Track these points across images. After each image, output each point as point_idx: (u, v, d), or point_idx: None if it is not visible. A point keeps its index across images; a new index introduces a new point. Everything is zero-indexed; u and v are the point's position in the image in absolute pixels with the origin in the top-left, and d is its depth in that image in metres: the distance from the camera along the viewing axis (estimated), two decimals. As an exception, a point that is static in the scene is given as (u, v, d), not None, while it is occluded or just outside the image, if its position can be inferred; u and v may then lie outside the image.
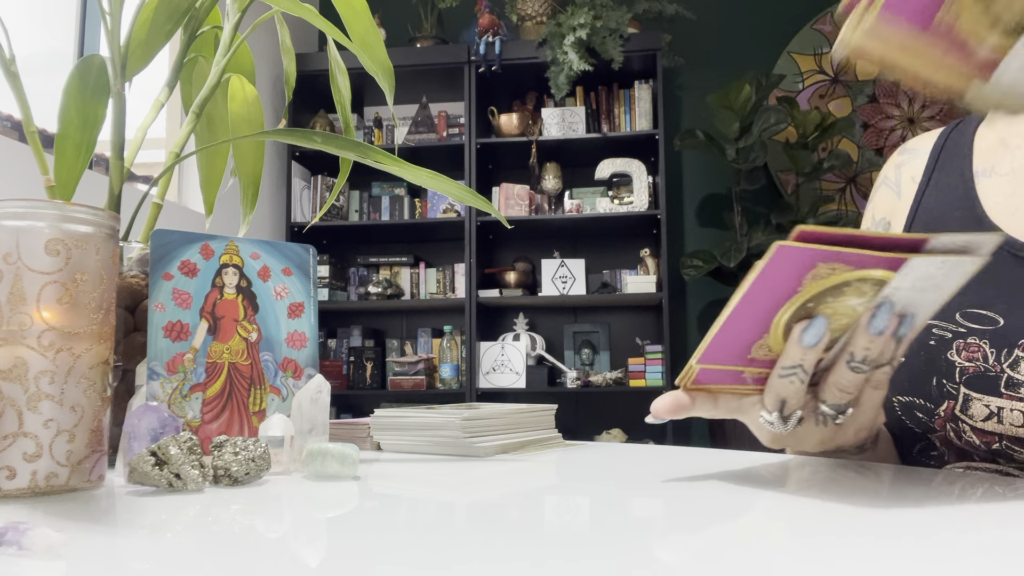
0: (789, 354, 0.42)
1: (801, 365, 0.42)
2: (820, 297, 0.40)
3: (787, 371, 0.43)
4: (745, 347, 0.43)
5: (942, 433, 0.56)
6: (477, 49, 3.16)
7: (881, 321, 0.41)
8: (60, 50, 2.35)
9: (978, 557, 0.28)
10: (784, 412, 0.45)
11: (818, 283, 0.39)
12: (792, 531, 0.33)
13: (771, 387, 0.44)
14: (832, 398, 0.45)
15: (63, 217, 0.45)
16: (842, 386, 0.44)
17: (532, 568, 0.27)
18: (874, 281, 0.39)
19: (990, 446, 0.53)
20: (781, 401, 0.44)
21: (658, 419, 0.46)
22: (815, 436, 0.47)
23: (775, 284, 0.40)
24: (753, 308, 0.41)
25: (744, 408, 0.47)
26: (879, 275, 0.39)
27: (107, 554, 0.30)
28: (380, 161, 0.67)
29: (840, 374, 0.44)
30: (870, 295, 0.40)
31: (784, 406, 0.45)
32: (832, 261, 0.38)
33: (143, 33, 0.73)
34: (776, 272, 0.39)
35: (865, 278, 0.39)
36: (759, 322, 0.42)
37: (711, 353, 0.43)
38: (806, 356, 0.42)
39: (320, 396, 0.57)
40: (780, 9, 3.52)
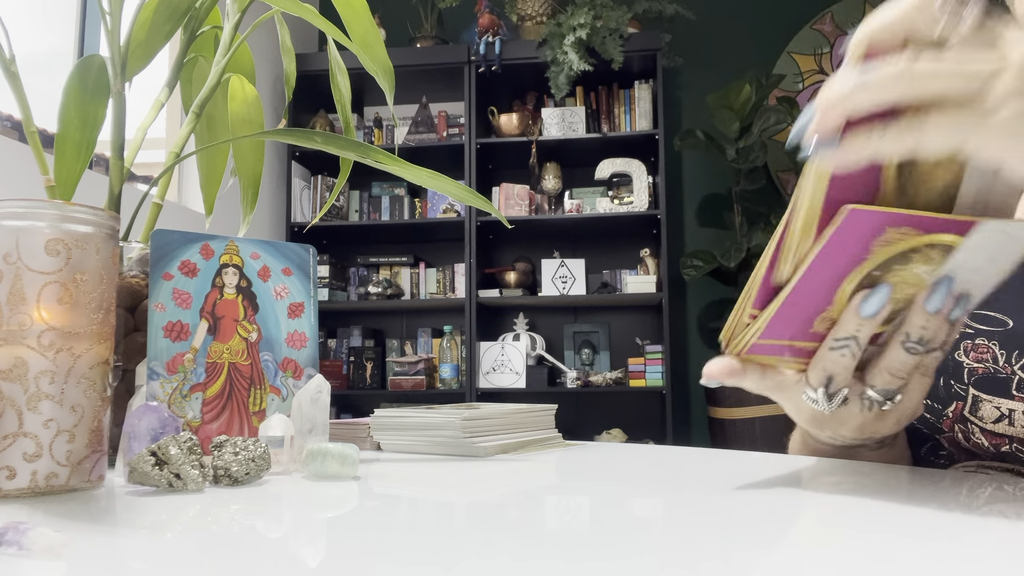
0: (844, 324, 0.40)
1: (856, 337, 0.40)
2: (887, 265, 0.38)
3: (840, 343, 0.40)
4: (808, 320, 0.41)
5: (950, 434, 0.55)
6: (477, 49, 3.16)
7: (939, 298, 0.39)
8: (60, 50, 2.35)
9: (989, 559, 0.28)
10: (830, 389, 0.42)
11: (886, 249, 0.37)
12: (792, 531, 0.33)
13: (819, 361, 0.42)
14: (882, 382, 0.42)
15: (63, 217, 0.45)
16: (894, 369, 0.41)
17: (532, 568, 0.27)
18: (943, 247, 0.38)
19: (999, 448, 0.52)
20: (828, 377, 0.42)
21: (711, 382, 0.44)
22: (856, 421, 0.45)
23: (843, 251, 0.38)
24: (819, 277, 0.39)
25: (786, 386, 0.45)
26: (948, 239, 0.37)
27: (107, 554, 0.30)
28: (380, 161, 0.67)
29: (893, 356, 0.41)
30: (938, 261, 0.38)
31: (831, 383, 0.42)
32: (902, 225, 0.36)
33: (143, 33, 0.73)
34: (844, 238, 0.37)
35: (934, 243, 0.37)
36: (824, 293, 0.40)
37: (774, 327, 0.41)
38: (862, 327, 0.39)
39: (320, 396, 0.57)
40: (780, 9, 3.52)
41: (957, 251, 0.38)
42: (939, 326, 0.40)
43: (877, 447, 0.52)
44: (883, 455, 0.53)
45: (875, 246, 0.37)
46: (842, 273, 0.39)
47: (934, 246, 0.38)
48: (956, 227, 0.37)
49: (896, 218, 0.36)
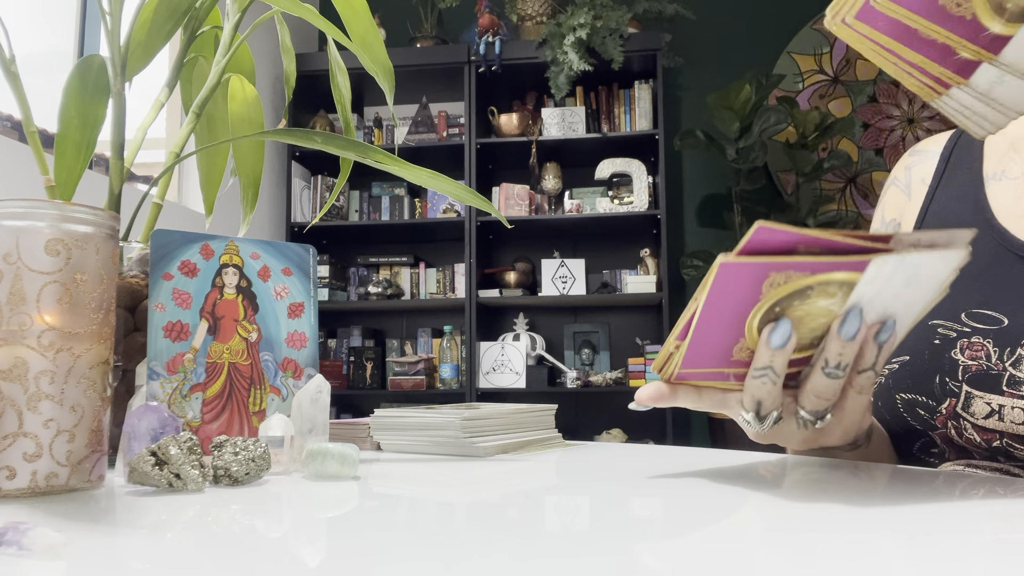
0: (759, 356, 0.42)
1: (771, 367, 0.42)
2: (786, 301, 0.40)
3: (759, 372, 0.43)
4: (725, 351, 0.43)
5: (943, 431, 0.56)
6: (477, 49, 3.16)
7: (851, 327, 0.40)
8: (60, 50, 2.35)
9: (976, 557, 0.28)
10: (761, 413, 0.45)
11: (778, 289, 0.39)
12: (791, 531, 0.33)
13: (747, 387, 0.44)
14: (810, 404, 0.44)
15: (63, 217, 0.45)
16: (818, 392, 0.43)
17: (532, 568, 0.27)
18: (838, 283, 0.39)
19: (990, 443, 0.53)
20: (757, 402, 0.44)
21: (640, 406, 0.47)
22: (797, 436, 0.47)
23: (730, 297, 0.39)
24: (717, 318, 0.40)
25: (728, 403, 0.47)
26: (841, 277, 0.38)
27: (107, 554, 0.30)
28: (380, 161, 0.67)
29: (816, 380, 0.43)
30: (839, 296, 0.39)
31: (760, 407, 0.44)
32: (784, 270, 0.37)
33: (143, 33, 0.73)
34: (726, 287, 0.38)
35: (827, 281, 0.38)
36: (730, 328, 0.41)
37: (691, 360, 0.43)
38: (775, 358, 0.41)
39: (320, 396, 0.57)
40: (780, 9, 3.52)
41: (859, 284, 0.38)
42: (859, 350, 0.42)
43: (850, 448, 0.53)
44: (860, 454, 0.55)
45: (764, 287, 0.39)
46: (742, 311, 0.40)
47: (829, 283, 0.38)
48: (845, 266, 0.37)
49: (775, 265, 0.37)
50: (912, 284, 0.39)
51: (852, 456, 0.55)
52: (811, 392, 0.44)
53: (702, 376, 0.45)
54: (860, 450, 0.54)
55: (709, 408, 0.47)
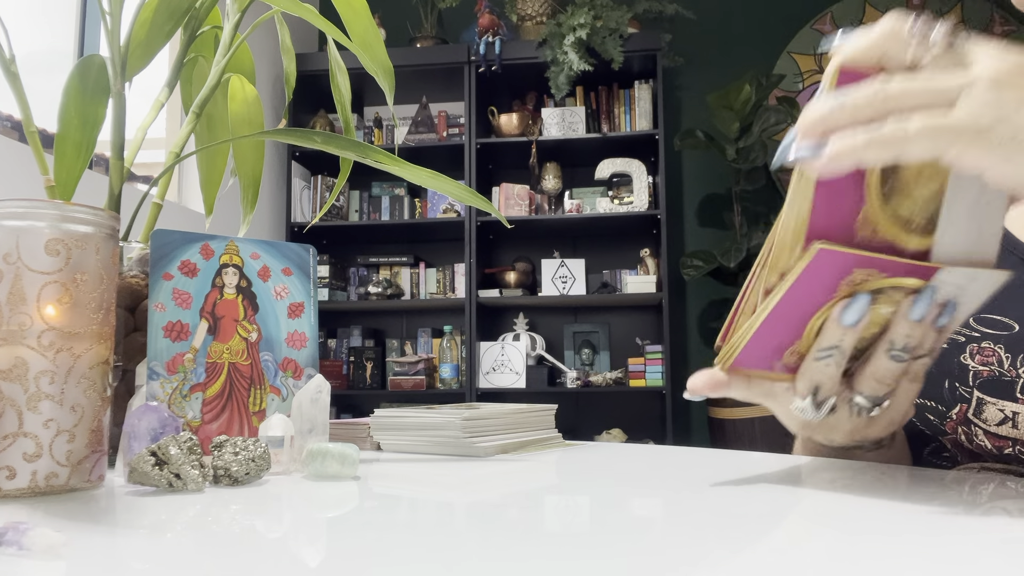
0: (827, 334, 0.41)
1: (839, 346, 0.41)
2: None
3: (824, 353, 0.41)
4: (777, 352, 0.42)
5: (953, 436, 0.56)
6: (477, 49, 3.16)
7: (922, 307, 0.40)
8: (60, 49, 2.35)
9: (989, 557, 0.28)
10: (817, 398, 0.43)
11: (852, 289, 0.39)
12: (791, 531, 0.33)
13: (805, 371, 0.43)
14: (869, 389, 0.43)
15: (63, 217, 0.45)
16: (880, 376, 0.42)
17: (532, 568, 0.27)
18: (907, 290, 0.39)
19: (1002, 450, 0.53)
20: (815, 386, 0.43)
21: (695, 396, 0.45)
22: (846, 426, 0.46)
23: (811, 288, 0.39)
24: (788, 312, 0.40)
25: (776, 393, 0.45)
26: (911, 283, 0.39)
27: (107, 554, 0.30)
28: (380, 161, 0.67)
29: (879, 364, 0.42)
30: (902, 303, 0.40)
31: (818, 392, 0.43)
32: (868, 267, 0.38)
33: (143, 33, 0.73)
34: (814, 275, 0.38)
35: (898, 286, 0.39)
36: (793, 327, 0.41)
37: (745, 357, 0.43)
38: (845, 336, 0.40)
39: (320, 396, 0.57)
40: (780, 9, 3.52)
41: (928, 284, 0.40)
42: (924, 333, 0.41)
43: (874, 448, 0.52)
44: (880, 456, 0.54)
45: (842, 285, 0.39)
46: (810, 310, 0.40)
47: (898, 288, 0.39)
48: (919, 272, 0.39)
49: (863, 260, 0.38)
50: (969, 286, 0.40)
51: (875, 456, 0.54)
52: (871, 376, 0.43)
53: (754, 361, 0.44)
54: (883, 451, 0.53)
55: (757, 398, 0.46)
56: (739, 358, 0.43)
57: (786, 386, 0.45)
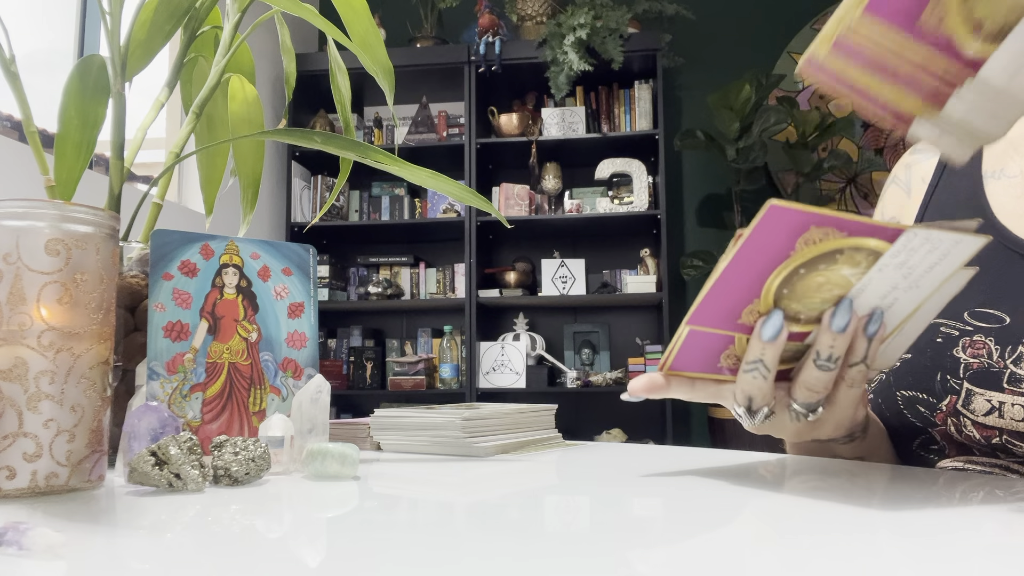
0: (751, 350, 0.42)
1: (762, 360, 0.42)
2: (813, 264, 0.40)
3: (750, 366, 0.43)
4: (735, 311, 0.43)
5: (943, 427, 0.56)
6: (477, 49, 3.16)
7: (841, 319, 0.41)
8: (60, 48, 2.35)
9: (975, 558, 0.28)
10: (752, 407, 0.45)
11: (811, 248, 0.39)
12: (792, 531, 0.33)
13: (738, 382, 0.44)
14: (802, 396, 0.45)
15: (63, 217, 0.45)
16: (810, 384, 0.44)
17: (531, 568, 0.27)
18: (868, 251, 0.39)
19: (990, 440, 0.53)
20: (748, 397, 0.44)
21: (633, 397, 0.47)
22: (790, 428, 0.48)
23: (767, 245, 0.39)
24: (745, 269, 0.40)
25: (722, 394, 0.47)
26: (872, 244, 0.39)
27: (107, 554, 0.30)
28: (380, 161, 0.67)
29: (807, 372, 0.43)
30: (864, 265, 0.40)
31: (751, 402, 0.45)
32: (825, 226, 0.38)
33: (143, 33, 0.73)
34: (768, 232, 0.38)
35: (859, 247, 0.39)
36: (750, 285, 0.41)
37: (701, 314, 0.43)
38: (766, 351, 0.42)
39: (320, 396, 0.57)
40: (780, 9, 3.52)
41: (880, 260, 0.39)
42: (848, 343, 0.42)
43: (847, 441, 0.54)
44: (857, 447, 0.55)
45: (799, 244, 0.39)
46: (768, 267, 0.40)
47: (860, 249, 0.39)
48: (880, 233, 0.38)
49: (818, 218, 0.38)
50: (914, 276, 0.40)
51: (849, 449, 0.56)
52: (803, 385, 0.44)
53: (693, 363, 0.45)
54: (856, 443, 0.55)
55: (703, 399, 0.47)
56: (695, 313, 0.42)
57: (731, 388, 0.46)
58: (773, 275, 0.41)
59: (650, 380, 0.46)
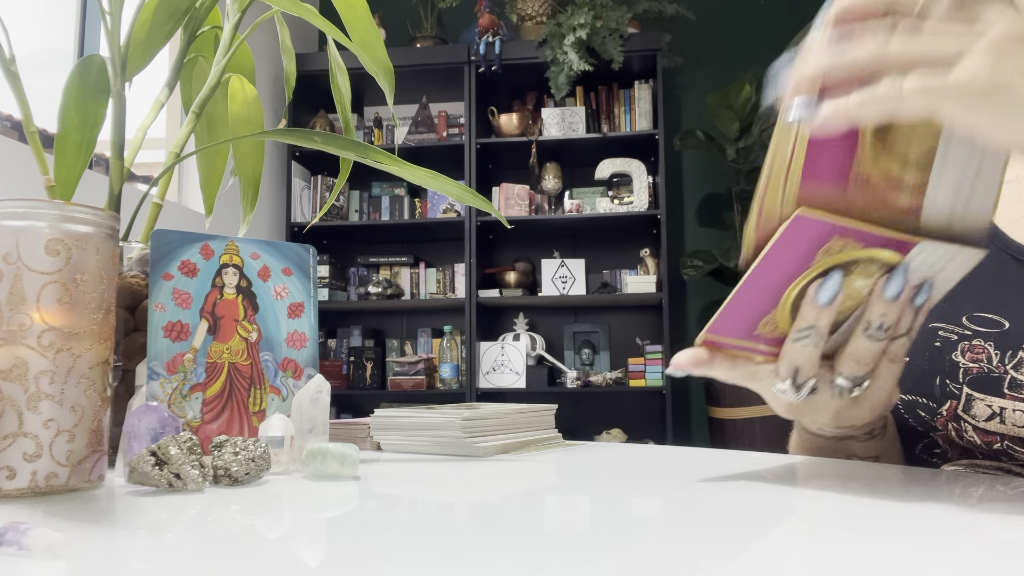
0: (803, 315, 0.41)
1: (815, 326, 0.41)
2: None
3: (801, 333, 0.42)
4: (753, 321, 0.43)
5: (944, 432, 0.56)
6: (477, 49, 3.16)
7: (895, 286, 0.40)
8: (60, 48, 2.35)
9: (978, 557, 0.28)
10: (797, 380, 0.44)
11: (829, 259, 0.39)
12: (792, 531, 0.33)
13: (785, 353, 0.43)
14: (849, 369, 0.43)
15: (63, 217, 0.45)
16: (859, 356, 0.43)
17: (532, 568, 0.27)
18: (881, 263, 0.40)
19: (991, 446, 0.53)
20: (795, 368, 0.43)
21: (678, 370, 0.45)
22: (830, 408, 0.46)
23: (789, 255, 0.39)
24: (765, 279, 0.40)
25: (759, 375, 0.46)
26: (887, 256, 0.39)
27: (107, 554, 0.30)
28: (380, 161, 0.67)
29: (857, 344, 0.42)
30: (876, 276, 0.40)
31: (797, 374, 0.43)
32: (846, 236, 0.38)
33: (143, 33, 0.73)
34: (792, 241, 0.38)
35: (873, 258, 0.39)
36: (769, 295, 0.41)
37: (720, 324, 0.43)
38: (820, 316, 0.41)
39: (320, 396, 0.57)
40: (780, 9, 3.52)
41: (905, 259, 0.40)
42: (899, 313, 0.42)
43: (867, 438, 0.53)
44: (874, 446, 0.55)
45: (819, 255, 0.39)
46: (787, 279, 0.41)
47: (874, 261, 0.40)
48: (896, 245, 0.39)
49: (841, 229, 0.38)
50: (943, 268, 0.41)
51: (867, 448, 0.55)
52: (850, 356, 0.43)
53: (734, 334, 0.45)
54: (875, 441, 0.54)
55: (741, 380, 0.46)
56: (715, 325, 0.43)
57: (769, 368, 0.46)
58: (791, 287, 0.41)
59: (695, 355, 0.45)
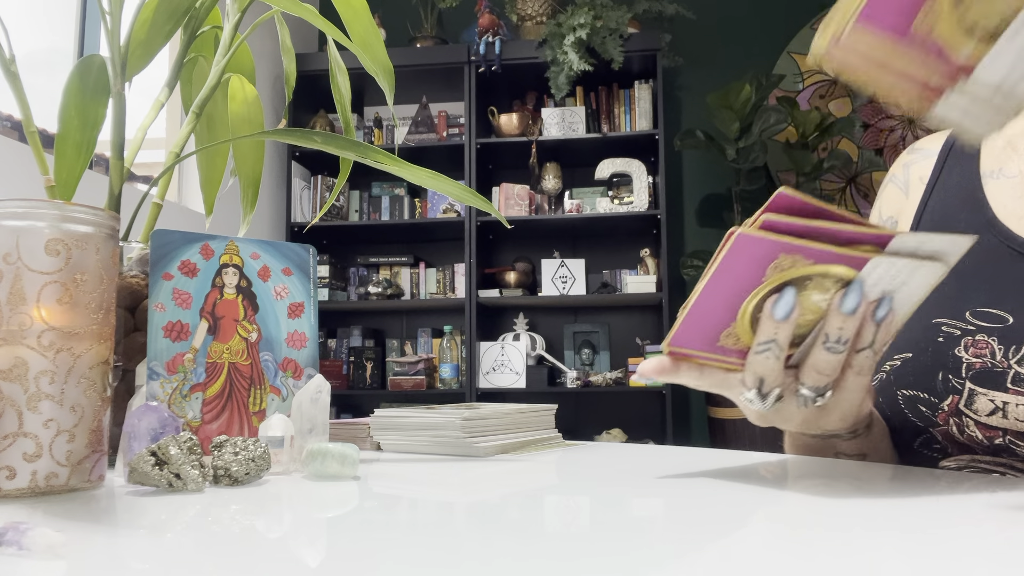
0: (763, 329, 0.42)
1: (775, 340, 0.42)
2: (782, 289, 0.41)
3: (762, 347, 0.43)
4: (714, 334, 0.43)
5: (944, 427, 0.56)
6: (477, 49, 3.16)
7: (852, 300, 0.41)
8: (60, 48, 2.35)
9: (976, 556, 0.28)
10: (763, 390, 0.45)
11: (781, 274, 0.40)
12: (792, 531, 0.33)
13: (749, 364, 0.44)
14: (811, 380, 0.44)
15: (63, 217, 0.45)
16: (819, 368, 0.44)
17: (532, 568, 0.27)
18: (836, 278, 0.40)
19: (993, 441, 0.53)
20: (759, 379, 0.44)
21: (644, 379, 0.47)
22: (797, 416, 0.48)
23: (738, 272, 0.40)
24: (718, 295, 0.41)
25: (729, 383, 0.47)
26: (840, 271, 0.40)
27: (107, 554, 0.30)
28: (380, 161, 0.67)
29: (817, 356, 0.43)
30: (833, 291, 0.41)
31: (762, 384, 0.44)
32: (793, 253, 0.39)
33: (143, 33, 0.73)
34: (737, 260, 0.39)
35: (826, 274, 0.40)
36: (726, 309, 0.42)
37: (681, 337, 0.44)
38: (779, 330, 0.42)
39: (320, 396, 0.57)
40: (780, 9, 3.52)
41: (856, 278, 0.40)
42: (857, 326, 0.42)
43: (850, 437, 0.54)
44: (859, 444, 0.55)
45: (769, 270, 0.40)
46: (740, 293, 0.41)
47: (828, 276, 0.40)
48: (847, 261, 0.39)
49: (786, 247, 0.39)
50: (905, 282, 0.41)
51: (852, 446, 0.55)
52: (812, 368, 0.44)
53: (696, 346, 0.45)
54: (860, 439, 0.54)
55: (710, 387, 0.47)
56: (676, 336, 0.44)
57: (738, 375, 0.46)
58: (748, 299, 0.42)
59: (660, 363, 0.46)
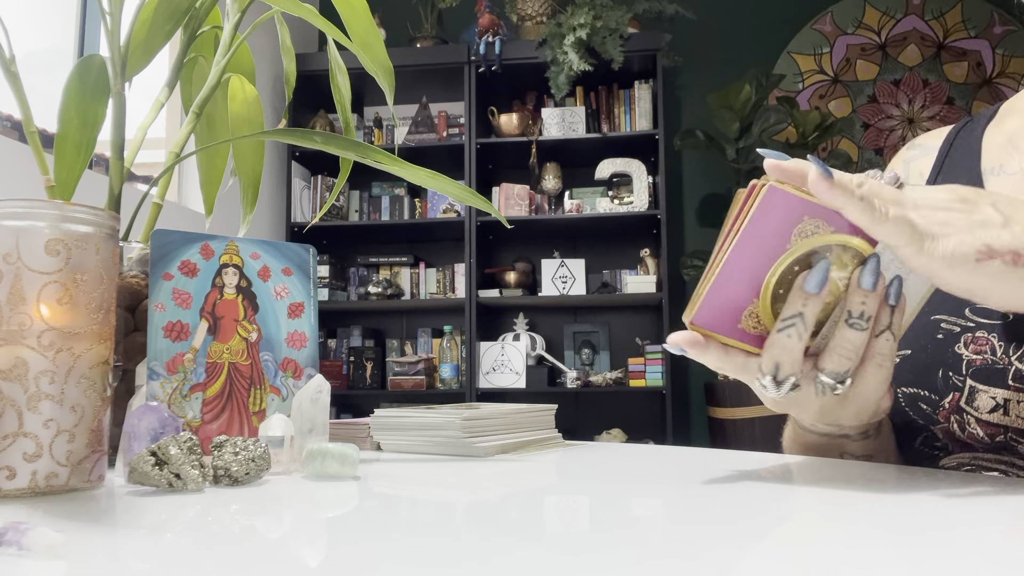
0: (791, 303, 0.42)
1: (802, 314, 0.41)
2: (804, 261, 0.42)
3: (787, 322, 0.42)
4: (735, 314, 0.43)
5: (945, 425, 0.56)
6: (477, 49, 3.16)
7: (870, 274, 0.41)
8: (60, 48, 2.35)
9: (977, 556, 0.28)
10: (778, 376, 0.44)
11: (804, 242, 0.41)
12: (792, 531, 0.33)
13: (769, 346, 0.43)
14: (832, 364, 0.43)
15: (63, 217, 0.45)
16: (843, 349, 0.43)
17: (532, 568, 0.27)
18: (853, 252, 0.41)
19: (994, 438, 0.53)
20: (776, 365, 0.43)
21: (674, 348, 0.45)
22: (814, 405, 0.46)
23: (765, 235, 0.41)
24: (744, 260, 0.42)
25: (749, 368, 0.46)
26: (856, 243, 0.41)
27: (107, 554, 0.30)
28: (380, 161, 0.67)
29: (840, 336, 0.43)
30: (850, 267, 0.42)
31: (778, 370, 0.43)
32: (817, 217, 0.40)
33: (143, 33, 0.73)
34: (768, 217, 0.40)
35: (845, 244, 0.41)
36: (750, 282, 0.42)
37: (704, 315, 0.43)
38: (808, 303, 0.41)
39: (320, 396, 0.57)
40: (780, 9, 3.52)
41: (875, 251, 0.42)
42: (877, 304, 0.43)
43: (861, 437, 0.53)
44: (867, 446, 0.55)
45: (794, 236, 0.41)
46: (765, 261, 0.42)
47: (847, 249, 0.41)
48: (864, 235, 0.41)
49: (812, 208, 0.41)
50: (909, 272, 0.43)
51: (860, 447, 0.55)
52: (834, 351, 0.43)
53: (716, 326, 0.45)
54: (869, 441, 0.54)
55: (731, 370, 0.46)
56: (698, 314, 0.43)
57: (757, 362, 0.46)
58: (770, 272, 0.42)
59: (692, 337, 0.45)
